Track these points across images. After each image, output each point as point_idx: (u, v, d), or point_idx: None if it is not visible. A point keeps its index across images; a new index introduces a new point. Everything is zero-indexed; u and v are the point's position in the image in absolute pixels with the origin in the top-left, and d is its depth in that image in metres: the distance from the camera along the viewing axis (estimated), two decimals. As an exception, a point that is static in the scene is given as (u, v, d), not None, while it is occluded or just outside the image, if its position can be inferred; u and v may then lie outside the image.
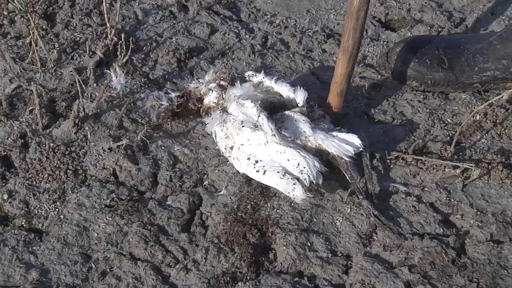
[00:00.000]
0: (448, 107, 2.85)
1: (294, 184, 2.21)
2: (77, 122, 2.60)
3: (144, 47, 3.12)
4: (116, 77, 2.68)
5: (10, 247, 2.16)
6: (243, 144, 2.33)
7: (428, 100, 2.89)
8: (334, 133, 2.35)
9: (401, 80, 2.95)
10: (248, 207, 2.31)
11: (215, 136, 2.46)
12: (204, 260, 2.14)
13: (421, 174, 2.49)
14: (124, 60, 2.92)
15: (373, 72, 3.05)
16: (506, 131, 2.68)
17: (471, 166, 2.44)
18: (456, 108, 2.85)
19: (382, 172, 2.50)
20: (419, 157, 2.52)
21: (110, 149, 2.53)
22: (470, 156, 2.57)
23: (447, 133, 2.68)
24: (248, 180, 2.39)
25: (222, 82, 2.62)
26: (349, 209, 2.34)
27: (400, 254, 2.17)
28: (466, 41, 2.94)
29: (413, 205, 2.34)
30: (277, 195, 2.39)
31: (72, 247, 2.18)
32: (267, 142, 2.27)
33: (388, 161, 2.53)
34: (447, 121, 2.77)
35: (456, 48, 2.90)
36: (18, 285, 2.05)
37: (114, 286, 2.06)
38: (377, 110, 2.83)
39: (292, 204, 2.33)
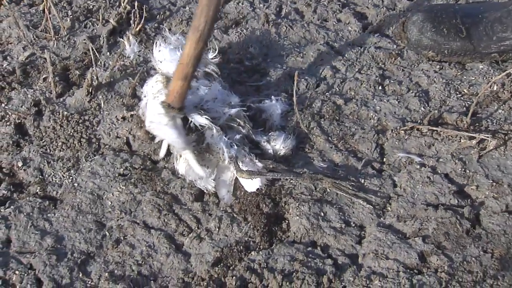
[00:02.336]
0: (465, 77, 2.76)
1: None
2: (90, 90, 2.55)
3: (158, 16, 3.05)
4: (130, 45, 2.64)
5: (25, 214, 2.14)
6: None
7: (444, 70, 2.80)
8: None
9: (417, 50, 2.85)
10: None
11: None
12: (217, 229, 2.11)
13: (436, 145, 2.42)
14: (137, 29, 2.85)
15: (388, 42, 2.96)
16: (524, 102, 2.60)
17: (487, 137, 2.37)
18: (473, 78, 2.75)
19: (396, 143, 2.44)
20: (434, 128, 2.46)
21: (124, 118, 2.48)
22: (487, 127, 2.50)
23: (463, 104, 2.60)
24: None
25: None
26: (363, 180, 2.30)
27: (414, 225, 2.13)
28: (484, 9, 2.83)
29: (428, 176, 2.29)
30: (290, 164, 2.35)
31: (86, 215, 2.16)
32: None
33: (402, 132, 2.47)
34: (464, 91, 2.68)
35: (474, 16, 2.79)
36: (34, 251, 2.03)
37: (128, 253, 2.04)
38: (392, 81, 2.75)
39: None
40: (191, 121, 2.26)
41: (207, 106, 2.35)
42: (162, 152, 2.33)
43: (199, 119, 2.28)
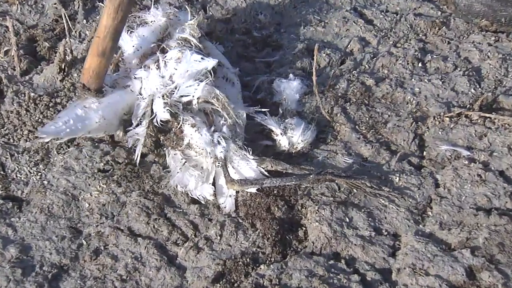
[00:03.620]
0: (526, 52, 2.77)
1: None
2: (63, 67, 2.58)
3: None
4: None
5: (-17, 218, 2.18)
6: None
7: (501, 43, 2.81)
8: None
9: (467, 17, 2.86)
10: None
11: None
12: (218, 237, 2.14)
13: (489, 135, 2.44)
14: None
15: (431, 8, 2.97)
16: None
17: (553, 126, 2.38)
18: (536, 53, 2.77)
19: (439, 132, 2.45)
20: (487, 115, 2.47)
21: (104, 100, 2.51)
22: (553, 114, 2.52)
23: (524, 85, 2.62)
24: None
25: None
26: (397, 178, 2.32)
27: (460, 234, 2.14)
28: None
29: (479, 173, 2.30)
30: (308, 159, 2.37)
31: (58, 220, 2.19)
32: None
33: (447, 119, 2.49)
34: (525, 69, 2.70)
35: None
36: (-6, 263, 2.06)
37: (109, 267, 2.07)
38: (435, 56, 2.76)
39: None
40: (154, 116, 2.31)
41: (176, 87, 2.36)
42: (137, 151, 2.34)
43: (160, 114, 2.31)
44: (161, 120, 2.28)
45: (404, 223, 2.19)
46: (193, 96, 2.31)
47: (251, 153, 2.29)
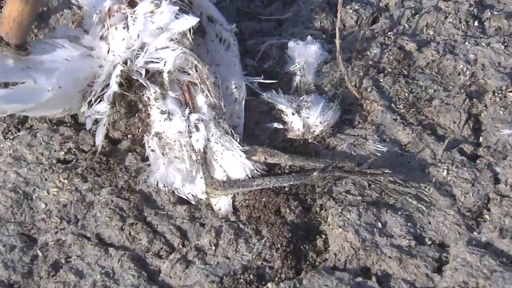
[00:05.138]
0: None
1: None
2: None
3: None
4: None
5: None
6: None
7: None
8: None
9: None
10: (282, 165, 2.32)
11: None
12: (213, 247, 2.15)
13: None
14: None
15: None
16: None
17: None
18: None
19: (501, 112, 2.45)
20: None
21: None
22: None
23: None
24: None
25: None
26: (444, 171, 2.32)
27: (526, 244, 2.15)
28: None
29: (550, 166, 2.31)
30: (328, 147, 2.38)
31: (6, 225, 2.20)
32: None
33: (511, 94, 2.49)
34: None
35: None
36: None
37: (72, 285, 2.07)
38: (495, 12, 2.76)
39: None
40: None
41: (143, 48, 2.33)
42: (98, 139, 2.36)
43: (98, 107, 2.30)
44: (113, 95, 2.28)
45: (454, 229, 2.19)
46: (164, 65, 2.29)
47: (238, 140, 2.28)
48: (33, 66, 2.23)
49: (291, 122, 2.43)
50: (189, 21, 2.31)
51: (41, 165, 2.33)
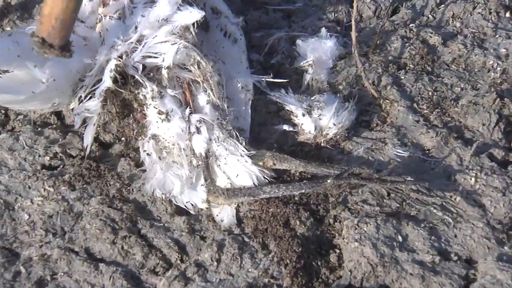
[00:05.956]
0: None
1: None
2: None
3: None
4: None
5: None
6: None
7: None
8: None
9: None
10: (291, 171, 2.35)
11: None
12: (215, 263, 2.17)
13: None
14: None
15: None
16: None
17: None
18: None
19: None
20: None
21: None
22: None
23: None
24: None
25: None
26: (472, 178, 2.34)
27: None
28: None
29: None
30: (343, 151, 2.42)
31: (-15, 237, 2.22)
32: None
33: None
34: None
35: None
36: None
37: (59, 305, 2.11)
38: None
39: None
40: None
41: (141, 40, 2.36)
42: (87, 140, 2.38)
43: (88, 104, 2.32)
44: (105, 92, 2.30)
45: (482, 243, 2.21)
46: (163, 61, 2.32)
47: (244, 144, 2.30)
48: (25, 55, 2.24)
49: (302, 124, 2.46)
50: (193, 14, 2.34)
51: (24, 172, 2.36)
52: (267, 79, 2.48)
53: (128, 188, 2.36)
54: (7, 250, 2.21)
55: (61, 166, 2.39)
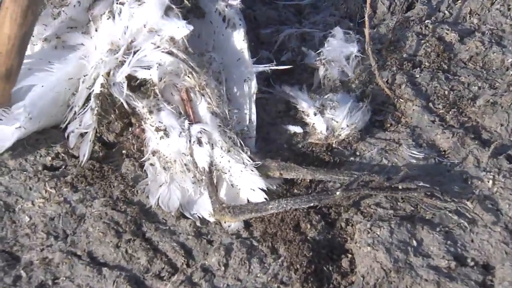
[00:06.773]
0: None
1: None
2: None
3: None
4: None
5: None
6: None
7: None
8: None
9: None
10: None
11: None
12: (222, 268, 2.15)
13: None
14: None
15: None
16: None
17: None
18: None
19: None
20: None
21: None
22: None
23: None
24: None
25: None
26: (490, 181, 2.32)
27: None
28: None
29: None
30: (356, 153, 2.39)
31: (-15, 240, 2.22)
32: None
33: None
34: None
35: None
36: None
37: (61, 311, 2.10)
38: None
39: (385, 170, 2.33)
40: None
41: (130, 48, 2.34)
42: (83, 152, 2.37)
43: (87, 117, 2.31)
44: (97, 108, 2.29)
45: (500, 248, 2.19)
46: (150, 76, 2.29)
47: (249, 153, 2.28)
48: None
49: (313, 123, 2.44)
50: (181, 30, 2.29)
51: (24, 172, 2.34)
52: (273, 68, 2.42)
53: (133, 189, 2.34)
54: (7, 254, 2.19)
55: (63, 167, 2.38)
